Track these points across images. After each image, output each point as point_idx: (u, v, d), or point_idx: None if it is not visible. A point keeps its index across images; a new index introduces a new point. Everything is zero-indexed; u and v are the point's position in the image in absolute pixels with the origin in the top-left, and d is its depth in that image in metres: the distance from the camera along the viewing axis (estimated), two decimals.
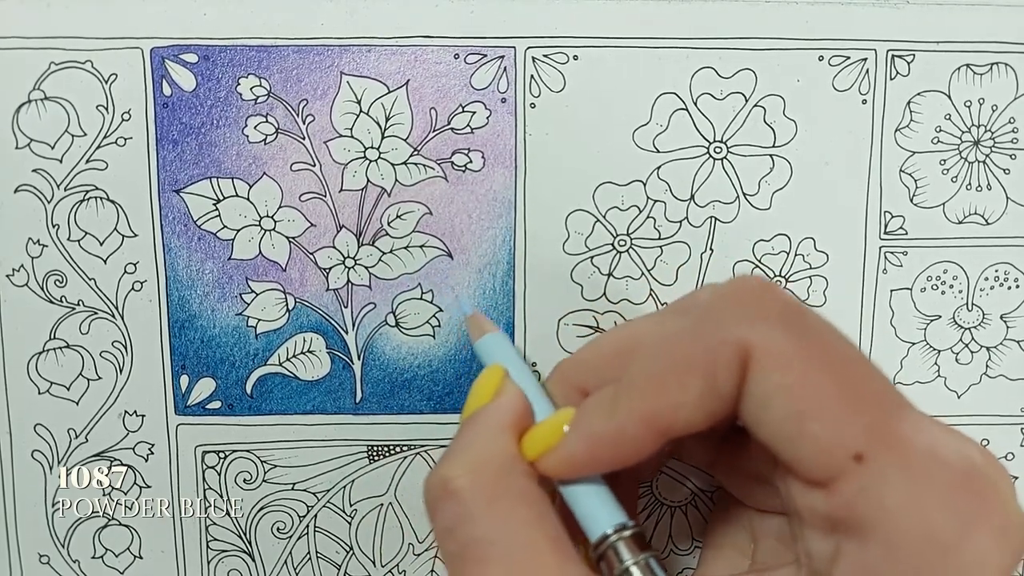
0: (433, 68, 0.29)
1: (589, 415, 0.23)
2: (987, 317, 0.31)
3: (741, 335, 0.21)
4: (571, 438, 0.23)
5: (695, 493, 0.32)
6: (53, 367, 0.30)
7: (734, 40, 0.29)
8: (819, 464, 0.20)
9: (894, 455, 0.20)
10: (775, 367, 0.21)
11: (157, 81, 0.29)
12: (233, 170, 0.30)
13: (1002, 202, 0.31)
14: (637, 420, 0.22)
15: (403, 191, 0.30)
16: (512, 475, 0.23)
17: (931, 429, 0.20)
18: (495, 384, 0.25)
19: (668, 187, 0.30)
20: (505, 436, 0.24)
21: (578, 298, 0.31)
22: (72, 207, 0.29)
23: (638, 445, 0.22)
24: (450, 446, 0.24)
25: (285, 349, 0.30)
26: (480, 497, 0.22)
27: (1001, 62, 0.30)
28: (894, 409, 0.21)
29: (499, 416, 0.24)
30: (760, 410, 0.21)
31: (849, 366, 0.21)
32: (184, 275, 0.30)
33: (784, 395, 0.20)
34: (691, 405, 0.21)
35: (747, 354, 0.21)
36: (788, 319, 0.21)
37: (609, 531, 0.23)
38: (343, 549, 0.32)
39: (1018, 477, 0.32)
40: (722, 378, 0.21)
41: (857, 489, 0.20)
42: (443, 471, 0.23)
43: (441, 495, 0.22)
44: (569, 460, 0.23)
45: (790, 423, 0.20)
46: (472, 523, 0.22)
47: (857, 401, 0.20)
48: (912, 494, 0.19)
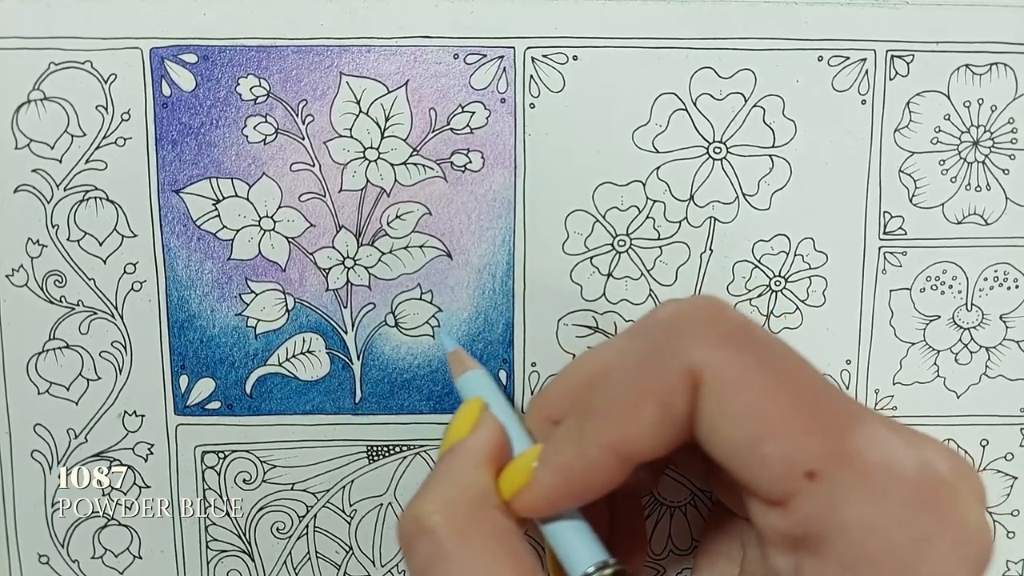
0: (433, 68, 0.29)
1: (554, 448, 0.23)
2: (986, 317, 0.31)
3: (691, 359, 0.21)
4: (539, 473, 0.23)
5: (695, 493, 0.32)
6: (53, 367, 0.30)
7: (734, 40, 0.29)
8: (773, 484, 0.20)
9: (848, 471, 0.20)
10: (724, 390, 0.21)
11: (157, 81, 0.29)
12: (233, 170, 0.30)
13: (1001, 202, 0.31)
14: (601, 449, 0.22)
15: (403, 191, 0.30)
16: (484, 510, 0.23)
17: (888, 440, 0.20)
18: (473, 417, 0.25)
19: (667, 187, 0.30)
20: (480, 470, 0.24)
21: (578, 298, 0.31)
22: (72, 207, 0.29)
23: (606, 474, 0.22)
24: (425, 480, 0.24)
25: (284, 349, 0.30)
26: (453, 534, 0.22)
27: (1000, 62, 0.30)
28: (848, 423, 0.20)
29: (475, 450, 0.24)
30: (712, 433, 0.21)
31: (800, 384, 0.21)
32: (184, 275, 0.30)
33: (734, 418, 0.20)
34: (649, 431, 0.21)
35: (698, 378, 0.21)
36: (738, 341, 0.21)
37: (590, 570, 0.23)
38: (343, 549, 0.32)
39: (1018, 477, 0.32)
40: (676, 403, 0.21)
41: (812, 507, 0.20)
42: (417, 508, 0.23)
43: (415, 532, 0.22)
44: (540, 497, 0.23)
45: (742, 445, 0.20)
46: (446, 563, 0.22)
47: (809, 419, 0.20)
48: (867, 509, 0.19)
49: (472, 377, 0.28)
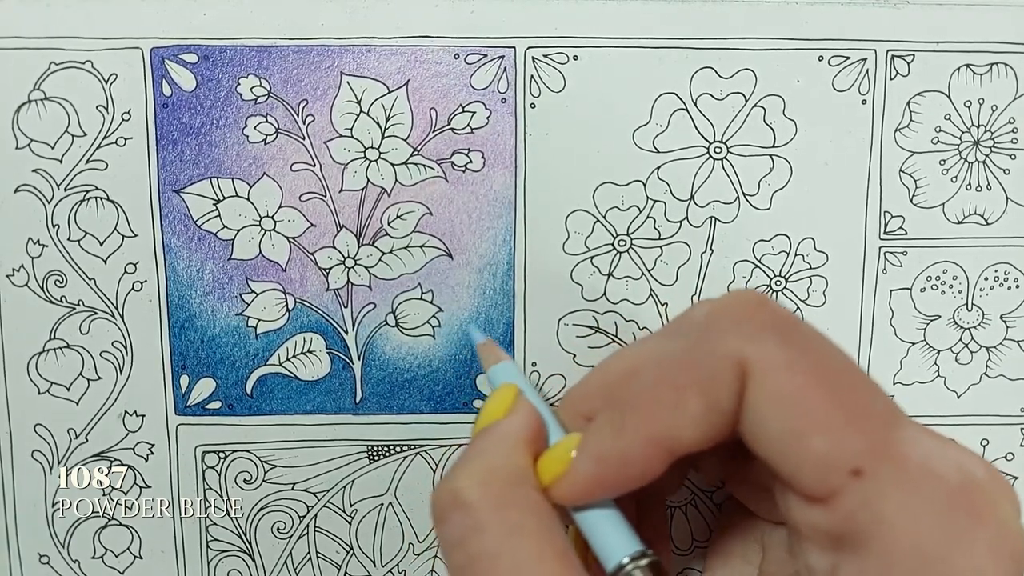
0: (433, 68, 0.29)
1: (595, 438, 0.23)
2: (987, 317, 0.31)
3: (738, 350, 0.21)
4: (579, 462, 0.23)
5: (695, 493, 0.32)
6: (53, 367, 0.30)
7: (734, 40, 0.29)
8: (817, 480, 0.20)
9: (891, 470, 0.20)
10: (772, 381, 0.20)
11: (157, 81, 0.29)
12: (233, 170, 0.30)
13: (1002, 202, 0.31)
14: (642, 441, 0.22)
15: (403, 191, 0.30)
16: (522, 487, 0.23)
17: (928, 443, 0.20)
18: (509, 401, 0.25)
19: (668, 187, 0.30)
20: (518, 450, 0.23)
21: (578, 298, 0.31)
22: (72, 207, 0.29)
23: (645, 465, 0.22)
24: (460, 458, 0.24)
25: (285, 349, 0.30)
26: (490, 508, 0.22)
27: (1001, 62, 0.30)
28: (891, 423, 0.21)
29: (512, 430, 0.24)
30: (758, 426, 0.21)
31: (846, 380, 0.21)
32: (184, 275, 0.30)
33: (782, 410, 0.20)
34: (693, 423, 0.21)
35: (745, 369, 0.21)
36: (784, 332, 0.21)
37: (626, 560, 0.23)
38: (343, 549, 0.32)
39: (1018, 477, 0.32)
40: (722, 394, 0.21)
41: (855, 504, 0.20)
42: (453, 482, 0.22)
43: (451, 506, 0.22)
44: (578, 485, 0.23)
45: (788, 438, 0.20)
46: (481, 535, 0.21)
47: (854, 416, 0.20)
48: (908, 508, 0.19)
49: (504, 368, 0.28)
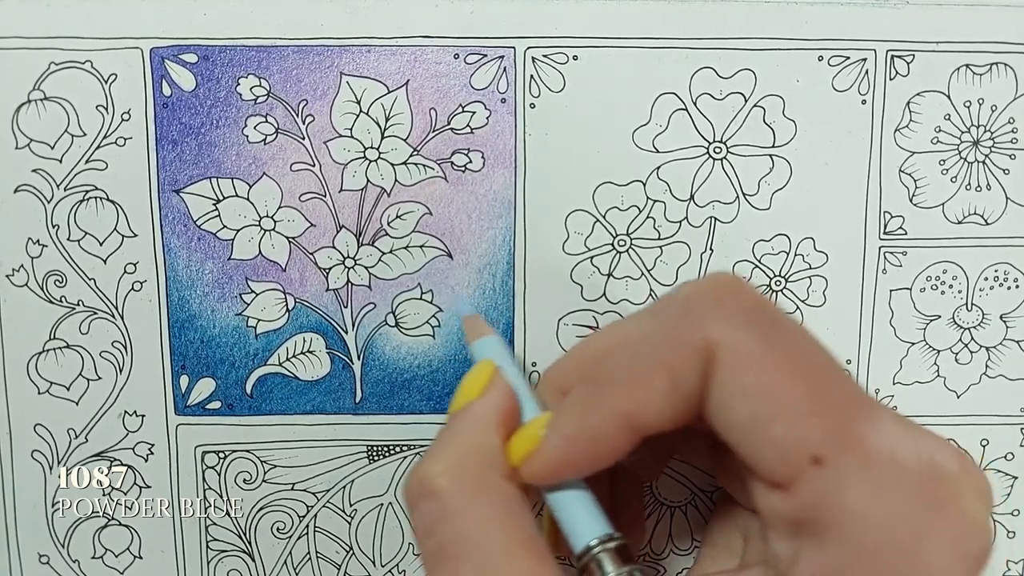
0: (433, 68, 0.29)
1: (563, 417, 0.23)
2: (987, 317, 0.31)
3: (706, 334, 0.21)
4: (547, 440, 0.23)
5: (695, 493, 0.32)
6: (53, 367, 0.30)
7: (734, 40, 0.29)
8: (778, 466, 0.20)
9: (853, 458, 0.20)
10: (737, 367, 0.20)
11: (157, 81, 0.29)
12: (233, 170, 0.30)
13: (1002, 202, 0.31)
14: (608, 418, 0.22)
15: (403, 191, 0.30)
16: (491, 473, 0.23)
17: (894, 432, 0.20)
18: (484, 380, 0.25)
19: (668, 187, 0.30)
20: (489, 434, 0.23)
21: (578, 298, 0.31)
22: (72, 207, 0.29)
23: (613, 443, 0.22)
24: (434, 441, 0.24)
25: (285, 349, 0.30)
26: (458, 497, 0.22)
27: (1001, 62, 0.30)
28: (857, 411, 0.20)
29: (485, 413, 0.24)
30: (721, 410, 0.21)
31: (814, 367, 0.21)
32: (184, 275, 0.30)
33: (745, 396, 0.20)
34: (658, 403, 0.21)
35: (712, 353, 0.21)
36: (756, 318, 0.21)
37: (593, 542, 0.23)
38: (343, 549, 0.32)
39: (1018, 477, 0.32)
40: (687, 377, 0.21)
41: (815, 492, 0.20)
42: (424, 469, 0.22)
43: (420, 494, 0.22)
44: (547, 463, 0.23)
45: (750, 424, 0.20)
46: (451, 522, 0.22)
47: (819, 403, 0.20)
48: (869, 498, 0.19)
49: (486, 343, 0.27)
